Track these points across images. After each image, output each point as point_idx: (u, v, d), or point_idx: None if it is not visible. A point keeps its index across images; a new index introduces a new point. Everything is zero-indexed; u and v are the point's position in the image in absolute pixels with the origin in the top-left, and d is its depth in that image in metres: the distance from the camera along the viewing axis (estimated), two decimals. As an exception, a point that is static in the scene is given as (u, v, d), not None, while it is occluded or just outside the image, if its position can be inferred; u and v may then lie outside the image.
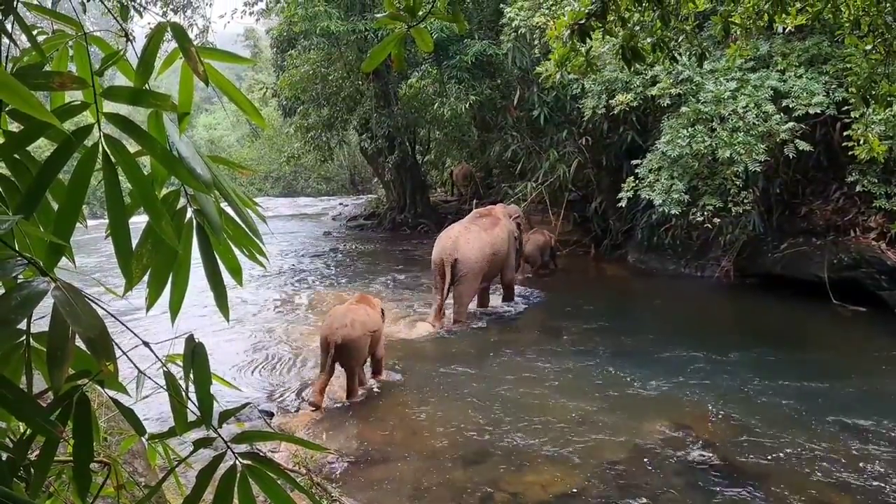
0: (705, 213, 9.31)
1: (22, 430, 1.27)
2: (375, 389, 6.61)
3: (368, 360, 6.64)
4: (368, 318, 6.40)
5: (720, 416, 5.85)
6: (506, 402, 6.22)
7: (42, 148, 1.46)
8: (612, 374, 6.89)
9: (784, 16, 4.70)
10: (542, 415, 5.93)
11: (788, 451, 5.21)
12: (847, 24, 4.77)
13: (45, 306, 1.01)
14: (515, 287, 10.26)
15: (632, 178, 9.96)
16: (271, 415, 5.99)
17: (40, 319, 1.08)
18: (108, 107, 1.26)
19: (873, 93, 4.91)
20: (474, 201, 17.51)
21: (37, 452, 1.24)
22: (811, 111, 8.78)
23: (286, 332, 8.57)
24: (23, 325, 1.11)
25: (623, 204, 10.23)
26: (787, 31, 8.10)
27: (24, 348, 1.16)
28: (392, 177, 18.56)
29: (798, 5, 4.67)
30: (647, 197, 9.58)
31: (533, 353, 7.67)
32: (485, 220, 9.64)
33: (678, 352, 7.60)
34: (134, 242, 1.25)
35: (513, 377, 6.89)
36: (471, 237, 9.04)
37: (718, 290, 10.80)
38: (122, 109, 1.39)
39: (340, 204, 24.51)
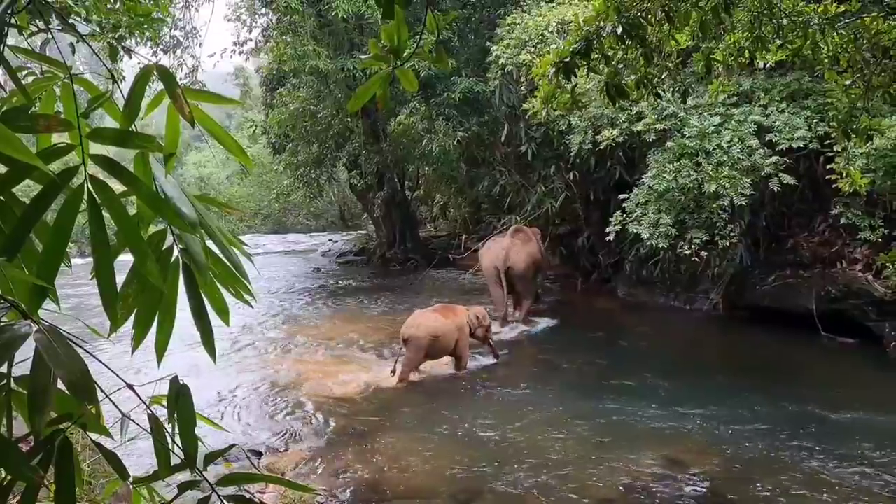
0: (693, 246, 9.36)
1: (2, 476, 1.25)
2: (355, 428, 6.51)
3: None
4: (437, 323, 7.86)
5: (712, 450, 5.81)
6: (497, 440, 6.15)
7: (31, 188, 1.46)
8: (604, 410, 6.84)
9: (764, 52, 4.81)
10: (535, 452, 5.87)
11: (780, 483, 5.17)
12: (827, 60, 4.87)
13: (29, 349, 1.00)
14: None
15: (619, 212, 10.03)
16: (260, 455, 5.90)
17: (23, 362, 1.07)
18: (96, 148, 1.26)
19: (854, 126, 5.00)
20: (463, 236, 17.62)
21: (18, 498, 1.21)
22: (794, 145, 8.92)
23: (275, 370, 8.48)
24: (3, 369, 1.09)
25: (611, 238, 10.29)
26: (767, 67, 8.27)
27: (4, 392, 1.14)
28: (382, 213, 18.60)
29: (778, 42, 4.78)
30: (635, 231, 9.64)
31: (524, 389, 7.62)
32: (522, 234, 11.27)
33: (669, 386, 7.57)
34: (122, 279, 1.24)
35: (504, 414, 6.83)
36: (517, 248, 10.86)
37: (708, 322, 10.82)
38: (111, 150, 1.39)
39: (330, 240, 24.52)
